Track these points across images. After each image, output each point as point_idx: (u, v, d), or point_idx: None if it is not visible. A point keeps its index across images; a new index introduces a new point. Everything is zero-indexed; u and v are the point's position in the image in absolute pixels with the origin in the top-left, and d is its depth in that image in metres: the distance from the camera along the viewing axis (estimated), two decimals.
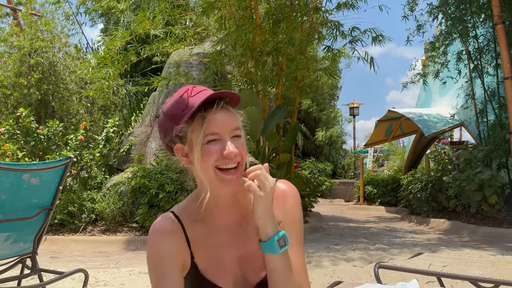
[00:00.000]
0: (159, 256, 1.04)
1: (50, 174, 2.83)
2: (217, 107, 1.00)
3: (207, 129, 0.99)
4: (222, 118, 1.00)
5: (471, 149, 7.63)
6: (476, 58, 8.01)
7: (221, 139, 1.00)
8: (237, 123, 1.03)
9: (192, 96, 1.02)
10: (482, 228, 6.50)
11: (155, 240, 1.06)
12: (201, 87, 1.06)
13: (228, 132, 1.01)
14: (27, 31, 8.47)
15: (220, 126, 1.00)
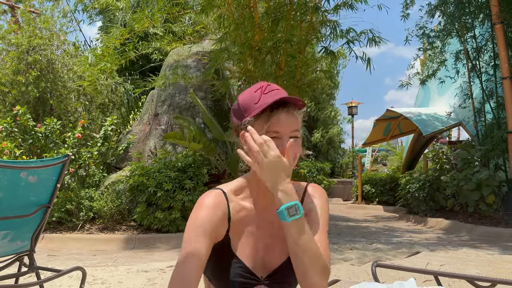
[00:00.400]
0: (196, 222, 1.14)
1: (48, 172, 2.82)
2: (282, 109, 1.12)
3: (271, 127, 1.12)
4: (285, 120, 1.13)
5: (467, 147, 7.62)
6: (475, 58, 8.02)
7: (280, 137, 1.13)
8: (297, 126, 1.15)
9: (265, 94, 1.15)
10: (479, 228, 6.51)
11: (198, 209, 1.16)
12: (275, 85, 1.19)
13: (288, 133, 1.13)
14: (25, 29, 8.44)
15: (282, 126, 1.13)
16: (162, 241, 6.03)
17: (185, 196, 6.17)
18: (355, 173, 17.16)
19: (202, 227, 1.12)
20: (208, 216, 1.14)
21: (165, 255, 5.23)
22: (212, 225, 1.14)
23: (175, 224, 6.22)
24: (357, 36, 6.42)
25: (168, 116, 8.14)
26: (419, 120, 9.64)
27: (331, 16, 6.80)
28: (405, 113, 10.16)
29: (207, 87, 8.26)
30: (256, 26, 6.54)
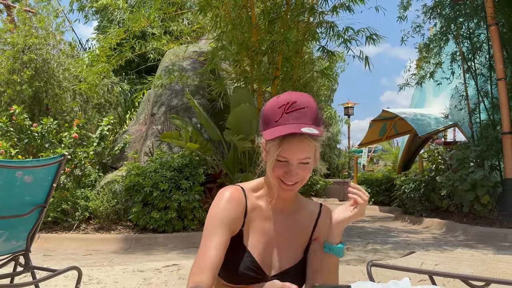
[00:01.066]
0: (217, 215, 1.21)
1: (44, 171, 2.81)
2: (294, 137, 1.13)
3: (281, 153, 1.16)
4: (296, 148, 1.15)
5: (462, 148, 7.67)
6: (470, 59, 8.07)
7: (289, 163, 1.17)
8: (308, 154, 1.17)
9: (287, 113, 1.15)
10: (474, 228, 6.55)
11: (219, 202, 1.23)
12: (303, 100, 1.17)
13: (297, 160, 1.16)
14: (21, 28, 8.41)
15: (291, 154, 1.15)
16: (158, 241, 6.03)
17: (181, 196, 6.17)
18: (351, 174, 17.21)
19: (223, 220, 1.20)
20: (229, 210, 1.21)
21: (161, 255, 5.23)
22: (231, 218, 1.21)
23: (171, 224, 6.21)
24: (355, 34, 6.44)
25: (165, 116, 8.13)
26: (415, 120, 9.68)
27: (328, 17, 6.83)
28: (401, 113, 10.20)
29: (204, 87, 8.26)
30: (253, 27, 6.55)
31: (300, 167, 1.17)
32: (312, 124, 1.15)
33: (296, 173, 1.17)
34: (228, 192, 1.25)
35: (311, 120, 1.15)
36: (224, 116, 7.34)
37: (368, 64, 6.52)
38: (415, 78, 8.82)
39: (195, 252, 4.08)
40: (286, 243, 1.28)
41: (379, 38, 6.32)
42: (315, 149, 1.19)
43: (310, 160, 1.18)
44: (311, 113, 1.16)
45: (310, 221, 1.33)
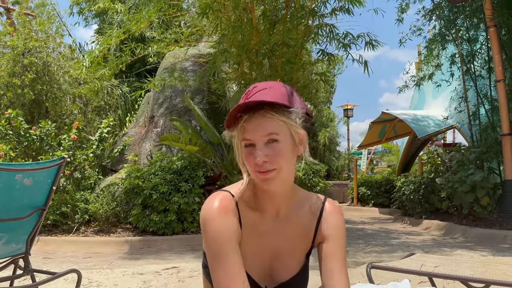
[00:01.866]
0: (222, 232, 1.06)
1: (43, 174, 2.82)
2: (250, 116, 1.03)
3: (244, 135, 1.05)
4: (255, 124, 1.03)
5: (464, 151, 7.69)
6: (469, 61, 8.08)
7: (255, 144, 1.04)
8: (272, 129, 1.03)
9: (248, 98, 1.05)
10: (474, 229, 6.55)
11: (217, 216, 1.07)
12: (266, 84, 1.08)
13: (261, 138, 1.03)
14: (21, 31, 8.43)
15: (252, 133, 1.03)
16: (157, 243, 6.02)
17: (181, 198, 6.17)
18: (351, 175, 17.21)
19: (226, 235, 1.06)
20: (230, 224, 1.08)
21: (161, 258, 5.22)
22: (236, 233, 1.08)
23: (171, 226, 6.21)
24: (355, 39, 6.47)
25: (164, 118, 8.14)
26: (414, 122, 9.69)
27: (327, 20, 6.85)
28: (400, 115, 10.21)
29: (204, 90, 8.27)
30: (253, 29, 6.56)
31: (269, 147, 1.03)
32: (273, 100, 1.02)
33: (265, 154, 1.02)
34: (221, 202, 1.09)
35: (275, 98, 1.03)
36: (223, 119, 7.34)
37: (367, 68, 6.55)
38: (414, 80, 8.83)
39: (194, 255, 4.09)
40: (285, 252, 1.16)
41: (378, 43, 6.34)
42: (287, 127, 1.04)
43: (279, 137, 1.03)
44: (275, 92, 1.04)
45: (312, 222, 1.18)
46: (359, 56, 6.81)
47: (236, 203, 1.11)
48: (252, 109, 1.03)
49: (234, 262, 1.04)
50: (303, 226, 1.18)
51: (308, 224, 1.18)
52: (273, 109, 1.03)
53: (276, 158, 1.03)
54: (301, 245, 1.18)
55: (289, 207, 1.17)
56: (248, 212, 1.13)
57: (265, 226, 1.15)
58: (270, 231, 1.15)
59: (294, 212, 1.17)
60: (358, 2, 6.42)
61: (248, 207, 1.14)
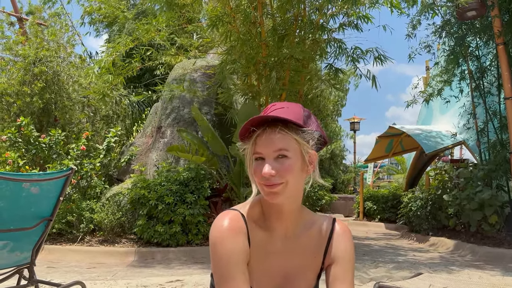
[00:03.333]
0: (231, 253, 1.07)
1: (51, 183, 2.82)
2: (264, 129, 1.07)
3: (255, 149, 1.08)
4: (267, 139, 1.06)
5: (472, 168, 7.62)
6: (478, 78, 8.06)
7: (265, 158, 1.07)
8: (283, 145, 1.06)
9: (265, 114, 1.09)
10: (482, 248, 6.45)
11: (226, 237, 1.08)
12: (283, 104, 1.12)
13: (271, 153, 1.06)
14: (33, 40, 8.54)
15: (262, 147, 1.07)
16: (162, 255, 6.00)
17: (186, 210, 6.15)
18: (357, 189, 17.11)
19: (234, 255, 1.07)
20: (240, 245, 1.08)
21: (165, 270, 5.20)
22: (245, 254, 1.09)
23: (175, 238, 6.19)
24: (364, 54, 6.49)
25: (172, 129, 8.17)
26: (422, 138, 9.63)
27: (335, 34, 6.88)
28: (408, 130, 10.16)
29: (211, 101, 8.30)
30: (262, 42, 6.60)
31: (278, 162, 1.05)
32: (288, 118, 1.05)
33: (273, 168, 1.04)
34: (227, 220, 1.11)
35: (291, 117, 1.06)
36: (230, 130, 7.36)
37: (375, 84, 6.56)
38: (423, 95, 8.80)
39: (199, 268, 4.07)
40: (293, 273, 1.16)
41: (387, 59, 6.36)
42: (298, 144, 1.07)
43: (289, 153, 1.05)
44: (291, 111, 1.08)
45: (321, 243, 1.18)
46: (367, 71, 6.83)
47: (245, 222, 1.12)
48: (266, 124, 1.07)
49: (243, 283, 1.04)
50: (312, 246, 1.18)
51: (317, 244, 1.18)
52: (286, 126, 1.06)
53: (284, 172, 1.05)
54: (310, 266, 1.18)
55: (298, 227, 1.17)
56: (257, 231, 1.14)
57: (274, 246, 1.15)
58: (279, 251, 1.15)
59: (302, 232, 1.17)
60: (367, 17, 6.44)
61: (257, 226, 1.14)
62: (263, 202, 1.16)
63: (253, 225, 1.14)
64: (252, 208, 1.16)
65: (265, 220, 1.15)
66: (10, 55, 8.73)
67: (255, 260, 1.12)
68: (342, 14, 6.80)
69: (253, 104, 7.02)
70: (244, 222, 1.12)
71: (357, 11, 6.47)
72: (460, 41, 7.76)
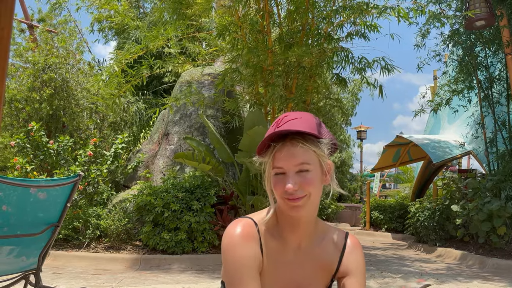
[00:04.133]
0: (242, 259, 1.07)
1: (58, 190, 2.84)
2: (285, 143, 1.06)
3: (274, 163, 1.07)
4: (287, 154, 1.05)
5: (480, 178, 7.55)
6: (487, 88, 8.02)
7: (286, 173, 1.06)
8: (304, 159, 1.05)
9: (279, 127, 1.07)
10: (490, 260, 6.37)
11: (238, 243, 1.09)
12: (297, 114, 1.11)
13: (293, 167, 1.05)
14: (42, 47, 8.64)
15: (283, 161, 1.05)
16: (167, 262, 5.98)
17: (192, 217, 6.15)
18: (363, 198, 17.01)
19: (247, 263, 1.07)
20: (252, 252, 1.08)
21: (170, 277, 5.18)
22: (257, 261, 1.09)
23: (181, 245, 6.17)
24: (370, 64, 6.49)
25: (178, 136, 8.20)
26: (430, 147, 9.57)
27: (342, 43, 6.89)
28: (416, 140, 10.11)
29: (218, 109, 8.33)
30: (268, 50, 6.63)
31: (300, 175, 1.05)
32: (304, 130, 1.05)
33: (296, 182, 1.04)
34: (239, 227, 1.11)
35: (306, 128, 1.05)
36: (237, 138, 7.36)
37: (382, 93, 6.55)
38: (431, 105, 8.77)
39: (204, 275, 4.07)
40: (305, 285, 1.16)
41: (394, 68, 6.35)
42: (317, 156, 1.07)
43: (310, 167, 1.06)
44: (305, 122, 1.07)
45: (334, 256, 1.19)
46: (375, 80, 6.82)
47: (258, 231, 1.13)
48: (284, 138, 1.07)
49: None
50: (324, 258, 1.19)
51: (330, 257, 1.19)
52: (304, 138, 1.06)
53: (306, 186, 1.05)
54: (321, 277, 1.19)
55: (311, 239, 1.18)
56: (270, 241, 1.14)
57: (286, 257, 1.16)
58: (291, 262, 1.16)
59: (315, 244, 1.19)
60: (374, 27, 6.45)
61: (270, 235, 1.15)
62: (278, 212, 1.16)
63: (266, 234, 1.14)
64: (266, 218, 1.17)
65: (279, 230, 1.16)
66: (20, 62, 8.84)
67: (267, 269, 1.13)
68: (350, 24, 6.82)
69: (259, 112, 7.03)
70: (256, 230, 1.13)
71: (364, 20, 6.48)
72: (469, 51, 7.74)
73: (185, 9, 7.19)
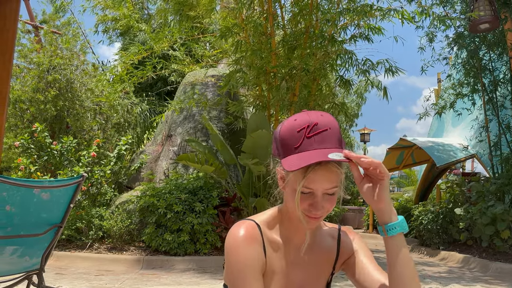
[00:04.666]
0: (245, 261, 1.07)
1: (62, 190, 2.85)
2: (320, 166, 1.02)
3: (305, 184, 1.03)
4: (321, 177, 1.03)
5: (484, 182, 7.51)
6: (492, 91, 7.99)
7: (314, 193, 1.05)
8: (335, 182, 1.05)
9: (309, 137, 1.03)
10: (494, 264, 6.34)
11: (242, 244, 1.09)
12: (324, 121, 1.05)
13: (322, 191, 1.05)
14: (47, 48, 8.68)
15: (317, 184, 1.04)
16: (169, 263, 5.99)
17: (195, 219, 6.15)
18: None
19: (250, 265, 1.07)
20: (251, 250, 1.08)
21: (172, 278, 5.19)
22: (257, 259, 1.09)
23: (183, 247, 6.18)
24: (374, 66, 6.48)
25: (181, 137, 8.21)
26: (433, 150, 9.54)
27: (346, 46, 6.88)
28: (419, 143, 10.08)
29: (221, 110, 8.34)
30: (272, 52, 6.64)
31: (325, 198, 1.05)
32: (336, 147, 1.03)
33: (322, 206, 1.04)
34: (242, 229, 1.11)
35: (335, 143, 1.03)
36: (240, 140, 7.37)
37: (386, 95, 6.54)
38: (435, 108, 8.75)
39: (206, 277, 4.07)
40: (309, 284, 1.17)
41: (398, 70, 6.33)
42: (342, 176, 1.07)
43: (337, 189, 1.06)
44: (334, 135, 1.04)
45: (332, 245, 1.22)
46: (379, 82, 6.81)
47: (260, 232, 1.13)
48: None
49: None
50: (324, 252, 1.21)
51: (328, 252, 1.21)
52: (339, 162, 1.04)
53: (331, 207, 1.07)
54: (323, 274, 1.21)
55: (313, 239, 1.20)
56: (272, 242, 1.15)
57: (289, 257, 1.17)
58: (294, 262, 1.17)
59: (315, 243, 1.21)
60: (378, 30, 6.44)
61: (273, 237, 1.16)
62: (283, 215, 1.17)
63: (268, 236, 1.15)
64: (269, 219, 1.18)
65: (282, 232, 1.17)
66: (25, 63, 8.88)
67: (271, 271, 1.13)
68: (354, 26, 6.81)
69: (262, 115, 7.04)
70: (259, 232, 1.13)
71: (368, 22, 6.48)
72: (473, 54, 7.72)
73: (188, 10, 7.21)
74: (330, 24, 6.68)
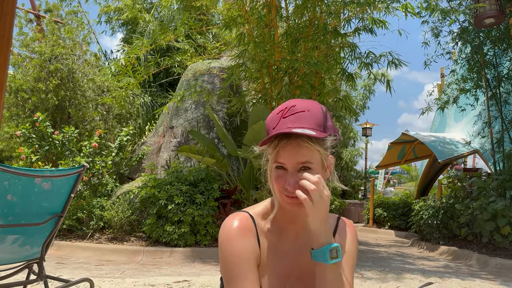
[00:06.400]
0: (239, 253, 1.07)
1: (63, 180, 2.85)
2: (289, 140, 1.04)
3: (276, 158, 1.06)
4: (291, 151, 1.04)
5: (485, 178, 7.50)
6: (495, 86, 7.95)
7: (287, 169, 1.05)
8: (307, 157, 1.04)
9: (285, 117, 1.06)
10: (493, 259, 6.34)
11: (235, 236, 1.09)
12: (303, 104, 1.07)
13: (294, 165, 1.05)
14: (49, 38, 8.65)
15: (287, 159, 1.04)
16: (170, 254, 6.01)
17: (195, 210, 6.16)
18: (367, 195, 16.99)
19: (244, 255, 1.07)
20: (244, 241, 1.08)
21: (172, 269, 5.20)
22: (254, 254, 1.09)
23: (184, 238, 6.20)
24: (377, 58, 6.44)
25: (183, 129, 8.20)
26: (435, 145, 9.52)
27: (349, 39, 6.84)
28: (421, 137, 10.05)
29: (223, 103, 8.32)
30: (275, 45, 6.60)
31: (299, 175, 1.03)
32: (313, 128, 1.03)
33: (296, 182, 1.02)
34: (236, 221, 1.11)
35: (312, 124, 1.04)
36: (241, 132, 7.36)
37: (390, 88, 6.50)
38: (438, 103, 8.71)
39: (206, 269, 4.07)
40: (305, 273, 1.15)
41: (401, 63, 6.29)
42: (319, 155, 1.05)
43: (312, 165, 1.04)
44: (312, 116, 1.05)
45: None
46: (382, 75, 6.78)
47: (254, 224, 1.13)
48: (290, 135, 1.04)
49: (252, 283, 1.04)
50: None
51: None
52: (310, 137, 1.03)
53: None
54: None
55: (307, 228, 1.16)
56: (267, 233, 1.14)
57: (285, 248, 1.16)
58: (289, 253, 1.16)
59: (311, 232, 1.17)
60: (383, 23, 6.39)
61: (267, 228, 1.15)
62: (277, 205, 1.15)
63: (263, 227, 1.14)
64: (263, 210, 1.18)
65: (277, 222, 1.16)
66: (27, 52, 8.85)
67: (266, 262, 1.13)
68: (357, 19, 6.76)
69: (264, 107, 7.02)
70: (253, 224, 1.13)
71: (372, 15, 6.43)
72: (477, 49, 7.67)
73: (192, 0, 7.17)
74: (334, 16, 6.63)
